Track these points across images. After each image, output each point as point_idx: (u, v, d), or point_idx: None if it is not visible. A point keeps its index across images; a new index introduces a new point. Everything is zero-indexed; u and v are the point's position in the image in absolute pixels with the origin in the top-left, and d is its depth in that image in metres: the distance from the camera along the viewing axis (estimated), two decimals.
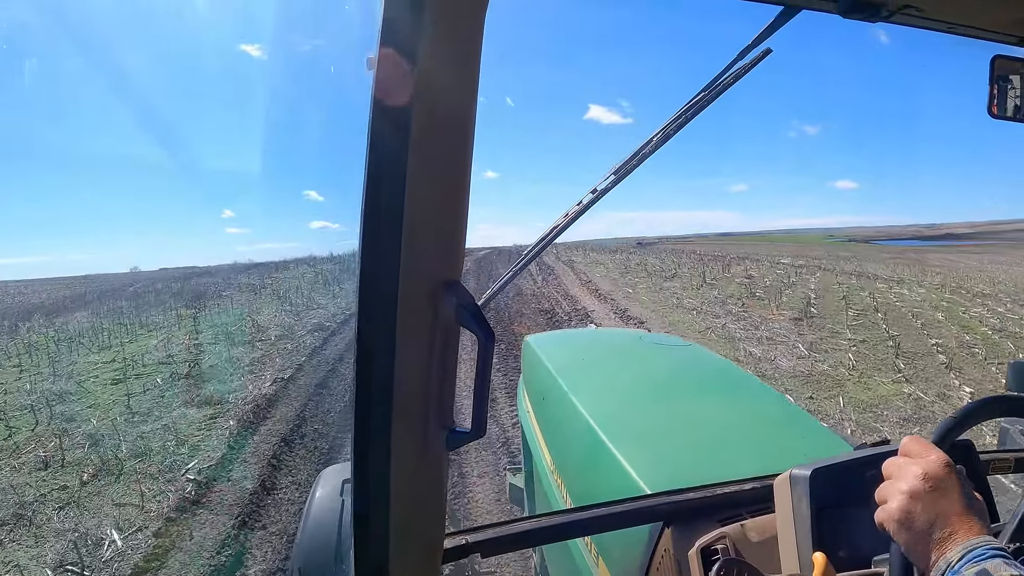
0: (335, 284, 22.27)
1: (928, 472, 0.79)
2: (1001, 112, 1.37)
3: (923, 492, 0.78)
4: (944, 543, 0.75)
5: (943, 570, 0.73)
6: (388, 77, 0.70)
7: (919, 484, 0.79)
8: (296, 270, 30.17)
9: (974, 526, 0.75)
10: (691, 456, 1.72)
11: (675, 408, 2.10)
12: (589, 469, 1.85)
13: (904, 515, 0.79)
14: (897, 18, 1.12)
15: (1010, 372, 2.35)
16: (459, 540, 1.21)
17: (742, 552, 1.21)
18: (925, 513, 0.77)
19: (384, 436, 0.81)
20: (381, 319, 0.77)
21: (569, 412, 2.10)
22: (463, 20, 0.72)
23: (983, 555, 0.71)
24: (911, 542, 0.78)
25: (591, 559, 1.66)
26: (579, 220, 1.32)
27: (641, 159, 1.25)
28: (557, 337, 3.67)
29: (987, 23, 1.21)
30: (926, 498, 0.78)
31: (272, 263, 35.78)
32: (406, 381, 0.80)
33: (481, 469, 5.10)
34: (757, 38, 1.16)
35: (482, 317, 0.80)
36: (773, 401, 2.24)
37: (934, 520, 0.76)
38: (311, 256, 35.31)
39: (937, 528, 0.76)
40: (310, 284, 22.91)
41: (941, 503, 0.77)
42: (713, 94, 1.21)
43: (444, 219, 0.78)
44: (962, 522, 0.75)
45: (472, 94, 0.75)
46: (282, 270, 30.99)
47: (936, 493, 0.78)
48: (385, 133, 0.72)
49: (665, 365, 2.71)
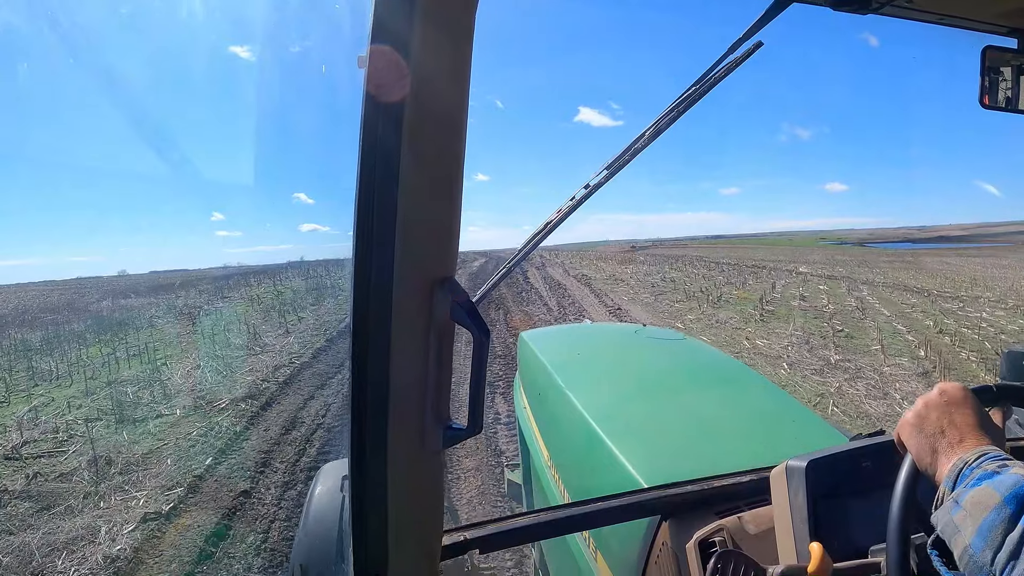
0: (327, 297, 20.82)
1: (946, 390, 0.82)
2: (992, 102, 1.38)
3: (938, 402, 0.81)
4: (955, 447, 0.75)
5: (959, 468, 0.72)
6: (380, 74, 0.70)
7: (935, 395, 0.82)
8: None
9: (986, 439, 0.76)
10: (688, 449, 1.72)
11: (671, 401, 2.11)
12: (586, 464, 1.86)
13: (917, 419, 0.81)
14: (887, 10, 1.13)
15: (1003, 361, 2.36)
16: (457, 536, 1.21)
17: (740, 544, 1.22)
18: (938, 420, 0.79)
19: (381, 433, 0.81)
20: (376, 316, 0.77)
21: (565, 407, 2.10)
22: (454, 17, 0.72)
23: (999, 456, 0.71)
24: (921, 445, 0.79)
25: (589, 553, 1.66)
26: (572, 216, 1.31)
27: (634, 153, 1.25)
28: (553, 333, 3.67)
29: (977, 14, 1.22)
30: (940, 407, 0.80)
31: (262, 266, 35.30)
32: (402, 378, 0.80)
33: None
34: (749, 31, 1.16)
35: (477, 313, 0.80)
36: (769, 393, 2.24)
37: (945, 426, 0.78)
38: (302, 259, 35.03)
39: (948, 432, 0.77)
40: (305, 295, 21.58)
41: (954, 413, 0.79)
42: (705, 87, 1.21)
43: (438, 216, 0.78)
44: (974, 433, 0.76)
45: (464, 89, 0.75)
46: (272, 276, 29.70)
47: (951, 405, 0.80)
48: (378, 130, 0.72)
49: (660, 359, 2.72)
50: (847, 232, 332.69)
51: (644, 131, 1.25)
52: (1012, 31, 1.29)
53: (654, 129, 1.23)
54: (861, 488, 1.04)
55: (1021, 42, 1.32)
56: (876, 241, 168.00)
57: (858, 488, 1.05)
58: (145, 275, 58.19)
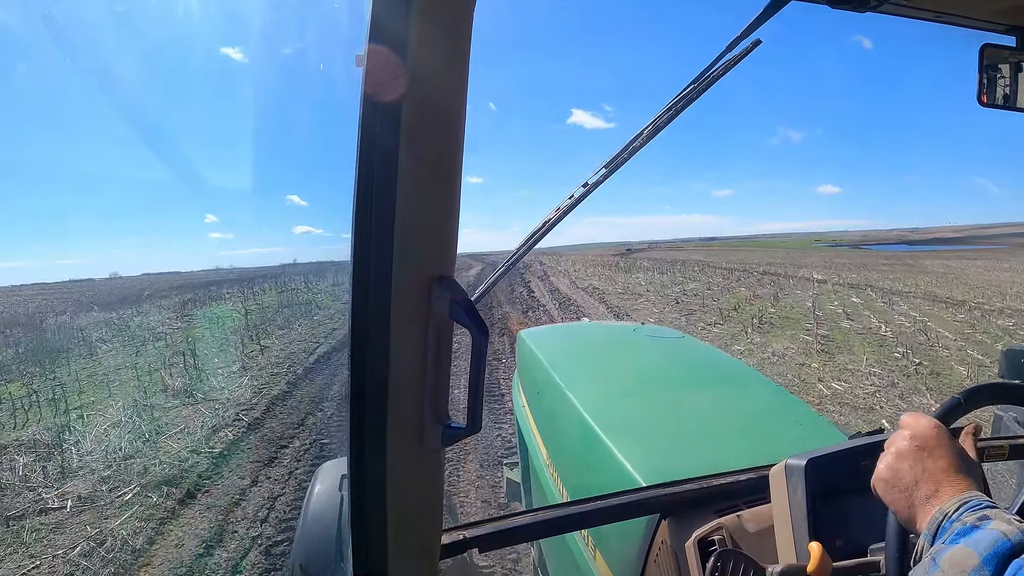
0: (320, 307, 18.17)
1: (916, 433, 0.80)
2: (991, 100, 1.38)
3: (909, 451, 0.78)
4: (932, 499, 0.73)
5: (939, 521, 0.70)
6: (378, 72, 0.70)
7: (906, 445, 0.79)
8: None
9: (964, 483, 0.74)
10: (687, 447, 1.72)
11: (670, 400, 2.11)
12: (585, 463, 1.86)
13: (891, 472, 0.78)
14: (885, 8, 1.13)
15: (1003, 359, 2.37)
16: (457, 535, 1.21)
17: (739, 542, 1.22)
18: (911, 470, 0.76)
19: (380, 431, 0.81)
20: (375, 315, 0.77)
21: (564, 406, 2.10)
22: (452, 15, 0.72)
23: (980, 504, 0.69)
24: (897, 500, 0.77)
25: (589, 552, 1.66)
26: (569, 216, 1.32)
27: (632, 152, 1.25)
28: (551, 331, 3.67)
29: (975, 12, 1.22)
30: (912, 456, 0.77)
31: (255, 268, 33.57)
32: (401, 377, 0.80)
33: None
34: (747, 29, 1.16)
35: (475, 312, 0.80)
36: (768, 391, 2.25)
37: (920, 476, 0.76)
38: (295, 261, 33.11)
39: (923, 484, 0.75)
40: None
41: (928, 461, 0.76)
42: (703, 86, 1.22)
43: (436, 214, 0.78)
44: (951, 480, 0.74)
45: (462, 87, 0.75)
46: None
47: (923, 452, 0.77)
48: (376, 129, 0.72)
49: (659, 357, 2.72)
50: (840, 234, 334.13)
51: (642, 130, 1.25)
52: (1010, 29, 1.29)
53: (652, 128, 1.23)
54: (860, 486, 1.05)
55: (1019, 40, 1.32)
56: (870, 243, 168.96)
57: (857, 486, 1.05)
58: (137, 277, 57.72)
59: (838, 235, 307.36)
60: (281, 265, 33.64)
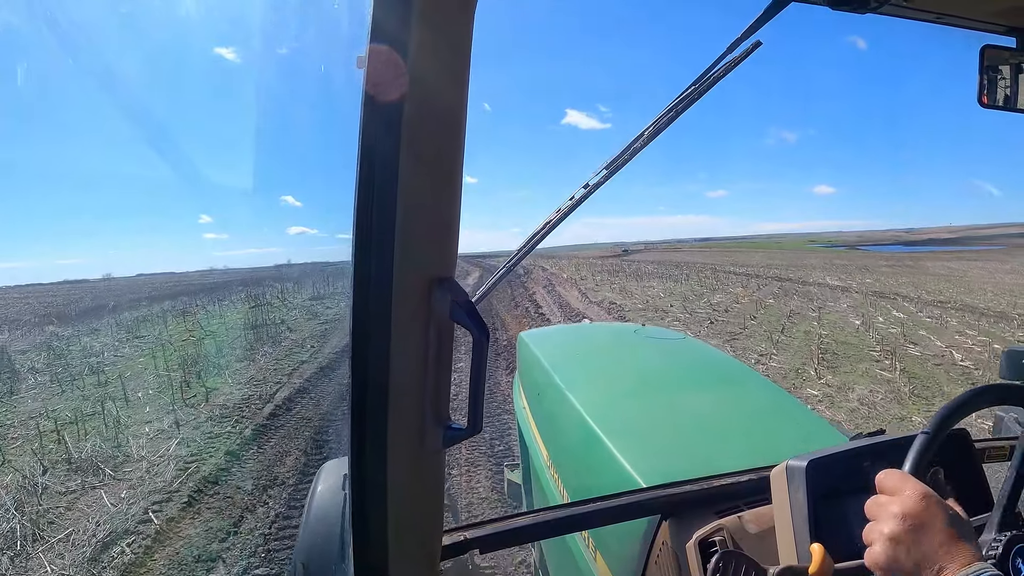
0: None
1: (905, 511, 0.78)
2: (992, 101, 1.38)
3: (904, 534, 0.77)
4: None
5: None
6: (379, 74, 0.70)
7: (898, 527, 0.78)
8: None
9: (962, 553, 0.74)
10: (687, 448, 1.72)
11: (671, 401, 2.11)
12: (585, 464, 1.86)
13: (890, 562, 0.78)
14: (886, 9, 1.13)
15: (1004, 360, 2.37)
16: (457, 536, 1.20)
17: (740, 544, 1.21)
18: (910, 556, 0.76)
19: (381, 432, 0.81)
20: (375, 316, 0.77)
21: (565, 407, 2.10)
22: (453, 16, 0.72)
23: (983, 574, 0.70)
24: None
25: (589, 554, 1.66)
26: (569, 217, 1.32)
27: (633, 153, 1.25)
28: (552, 332, 3.68)
29: (975, 13, 1.22)
30: (908, 539, 0.77)
31: (249, 269, 32.08)
32: (401, 378, 0.80)
33: None
34: (747, 30, 1.17)
35: (476, 313, 0.80)
36: (769, 392, 2.25)
37: (919, 561, 0.75)
38: (288, 262, 31.60)
39: (926, 568, 0.75)
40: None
41: (924, 541, 0.76)
42: (704, 87, 1.22)
43: (437, 215, 0.78)
44: (949, 555, 0.74)
45: (463, 87, 0.75)
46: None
47: (917, 532, 0.77)
48: (376, 130, 0.72)
49: (660, 358, 2.72)
50: (835, 235, 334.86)
51: (643, 131, 1.25)
52: (1010, 30, 1.29)
53: (653, 129, 1.23)
54: (862, 488, 1.04)
55: (1020, 41, 1.33)
56: (866, 244, 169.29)
57: (859, 488, 1.05)
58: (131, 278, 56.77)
59: (833, 236, 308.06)
60: (276, 266, 33.29)
